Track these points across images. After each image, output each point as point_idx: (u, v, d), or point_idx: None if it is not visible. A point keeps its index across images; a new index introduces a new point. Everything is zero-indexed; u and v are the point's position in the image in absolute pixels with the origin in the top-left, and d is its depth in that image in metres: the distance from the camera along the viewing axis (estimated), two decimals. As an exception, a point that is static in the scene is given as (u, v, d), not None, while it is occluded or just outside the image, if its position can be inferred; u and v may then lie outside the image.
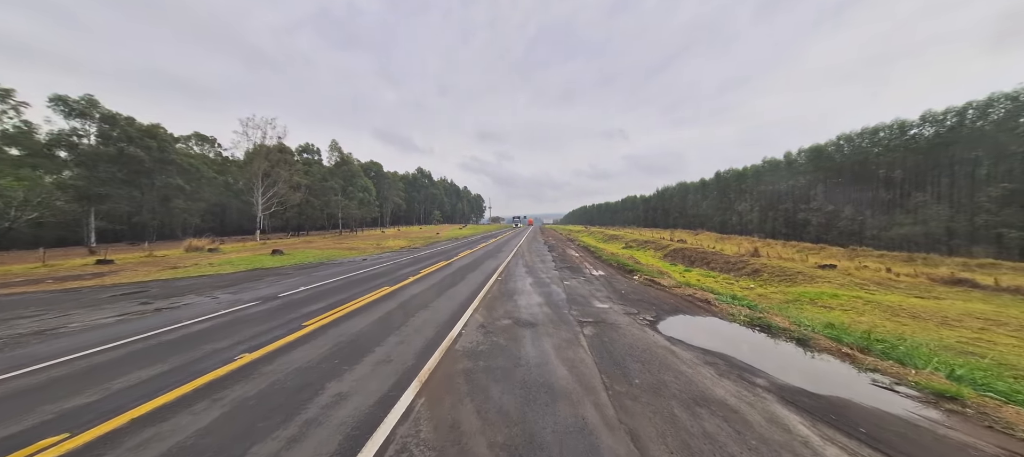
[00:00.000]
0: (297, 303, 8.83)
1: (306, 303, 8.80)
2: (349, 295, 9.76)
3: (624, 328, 6.61)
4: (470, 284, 11.43)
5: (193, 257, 24.86)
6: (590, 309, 8.12)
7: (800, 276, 19.51)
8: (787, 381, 4.27)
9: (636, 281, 12.24)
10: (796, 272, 20.57)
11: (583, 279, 12.77)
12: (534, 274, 13.79)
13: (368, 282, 11.98)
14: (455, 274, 13.72)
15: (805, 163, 51.61)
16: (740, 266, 25.22)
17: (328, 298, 9.44)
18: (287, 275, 14.65)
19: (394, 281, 12.07)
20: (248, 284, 12.20)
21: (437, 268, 15.69)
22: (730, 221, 74.25)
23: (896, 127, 37.45)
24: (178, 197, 49.64)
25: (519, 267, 15.89)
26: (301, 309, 8.11)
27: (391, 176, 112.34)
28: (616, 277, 13.40)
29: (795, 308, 11.73)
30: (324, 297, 9.59)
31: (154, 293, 11.02)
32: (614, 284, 11.66)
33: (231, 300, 9.37)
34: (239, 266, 18.48)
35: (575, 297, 9.48)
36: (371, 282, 11.95)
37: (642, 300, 9.05)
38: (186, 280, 13.84)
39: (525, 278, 12.74)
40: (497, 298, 9.34)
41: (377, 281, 12.12)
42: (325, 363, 4.84)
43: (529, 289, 10.66)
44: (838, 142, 46.05)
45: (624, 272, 14.73)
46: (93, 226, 38.54)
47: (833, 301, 12.49)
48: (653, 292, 10.24)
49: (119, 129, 42.98)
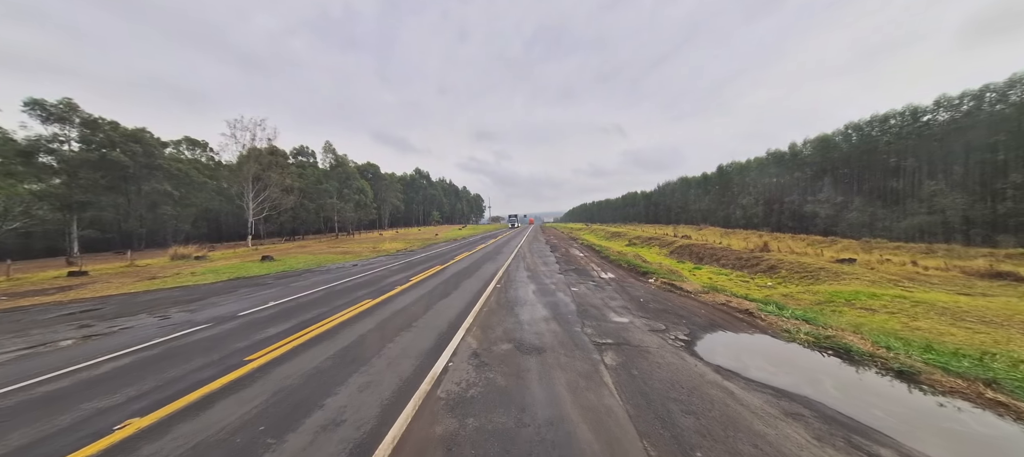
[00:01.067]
0: (256, 325, 7.41)
1: (267, 325, 7.38)
2: (321, 312, 8.33)
3: (655, 353, 5.21)
4: (465, 294, 10.01)
5: (177, 266, 23.52)
6: (607, 325, 6.71)
7: (822, 272, 18.10)
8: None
9: (653, 285, 10.84)
10: (816, 268, 19.17)
11: (592, 283, 11.36)
12: (537, 279, 12.39)
13: (350, 294, 10.56)
14: (449, 281, 12.30)
15: (811, 154, 50.22)
16: (753, 262, 23.82)
17: (296, 316, 8.02)
18: (265, 285, 13.25)
19: (379, 292, 10.65)
20: (216, 298, 10.78)
21: (430, 274, 14.27)
22: (733, 215, 72.87)
23: (908, 113, 36.04)
24: (167, 203, 48.15)
25: (520, 271, 14.47)
26: (255, 335, 6.69)
27: (388, 177, 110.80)
28: (628, 280, 12.00)
29: (832, 311, 10.32)
30: (292, 315, 8.17)
31: (105, 312, 9.59)
32: (628, 289, 10.26)
33: (181, 322, 7.95)
34: (222, 275, 17.16)
35: (587, 307, 8.07)
36: (353, 294, 10.54)
37: (666, 311, 7.64)
38: (153, 294, 12.42)
39: (527, 284, 11.33)
40: (495, 311, 7.93)
41: (359, 293, 10.70)
42: (242, 433, 3.40)
43: (532, 298, 9.25)
44: (846, 131, 44.66)
45: (636, 274, 13.33)
46: (75, 235, 37.05)
47: (873, 302, 11.07)
48: (676, 299, 8.82)
49: (102, 134, 41.50)
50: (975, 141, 29.41)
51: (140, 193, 46.34)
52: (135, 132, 45.22)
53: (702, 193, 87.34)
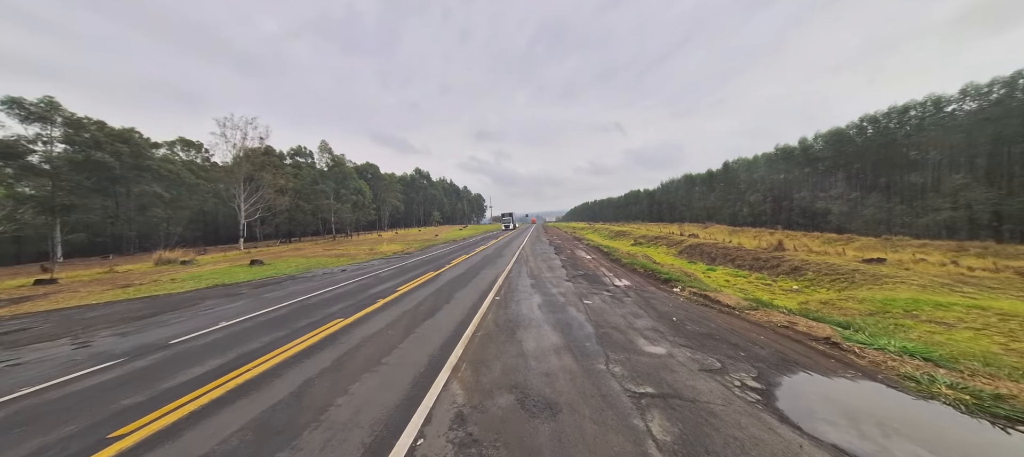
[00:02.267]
0: (180, 362, 5.76)
1: (195, 361, 5.73)
2: (276, 339, 6.69)
3: (724, 416, 3.54)
4: (456, 311, 8.34)
5: (159, 272, 22.09)
6: (640, 359, 5.04)
7: (856, 274, 16.38)
8: None
9: (680, 296, 9.16)
10: (848, 269, 17.44)
11: (607, 294, 9.69)
12: (542, 287, 10.72)
13: (323, 309, 8.91)
14: (441, 292, 10.64)
15: (823, 148, 48.34)
16: (773, 263, 22.09)
17: (241, 345, 6.38)
18: (237, 296, 11.67)
19: (358, 306, 9.00)
20: (170, 315, 9.13)
21: (421, 282, 12.61)
22: (740, 213, 71.03)
23: (930, 104, 34.19)
24: (157, 205, 46.64)
25: (522, 278, 12.80)
26: (165, 381, 5.03)
27: (388, 177, 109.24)
28: (648, 289, 10.32)
29: (895, 326, 8.61)
30: (238, 342, 6.53)
31: (25, 335, 7.94)
32: (652, 301, 8.58)
33: (93, 355, 6.29)
34: (202, 282, 15.79)
35: (607, 330, 6.40)
36: (326, 310, 8.88)
37: (711, 335, 5.96)
38: (109, 307, 10.87)
39: (531, 296, 9.65)
40: (493, 336, 6.27)
41: (334, 308, 9.04)
42: None
43: (538, 316, 7.58)
44: (861, 124, 42.80)
45: (656, 281, 11.63)
46: (59, 239, 35.55)
47: (942, 313, 9.32)
48: (718, 317, 7.14)
49: (87, 134, 40.00)
50: (1006, 131, 27.58)
51: (129, 195, 44.84)
52: (122, 132, 43.72)
53: (707, 190, 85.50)
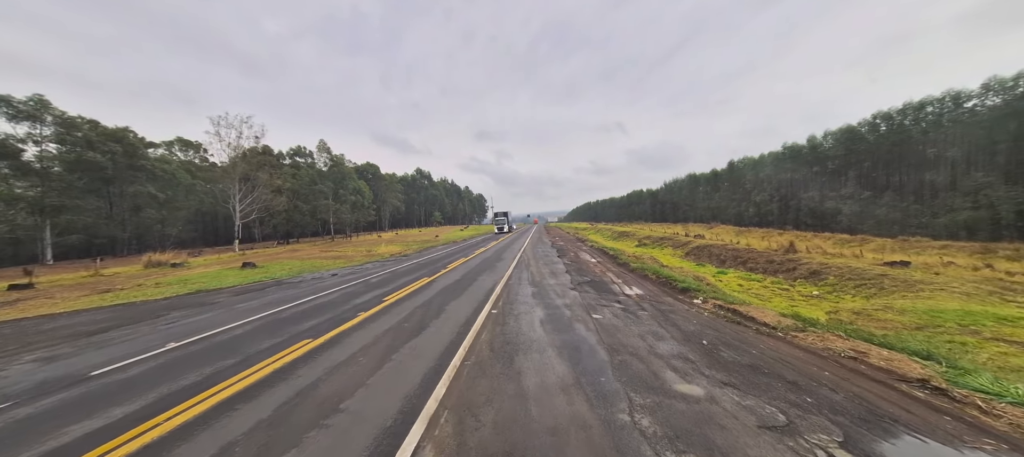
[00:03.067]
0: (79, 408, 4.65)
1: (96, 408, 4.60)
2: (218, 371, 5.56)
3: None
4: (446, 329, 7.20)
5: (147, 275, 21.28)
6: (674, 408, 3.89)
7: (885, 280, 15.13)
8: None
9: (703, 309, 8.00)
10: (874, 274, 16.18)
11: (619, 306, 8.53)
12: (545, 298, 9.57)
13: (295, 325, 7.78)
14: (432, 304, 9.51)
15: (833, 147, 46.99)
16: (788, 266, 20.85)
17: (174, 380, 5.26)
18: (211, 306, 10.63)
19: (335, 322, 7.87)
20: (127, 329, 8.02)
21: (412, 290, 11.49)
22: (746, 213, 69.66)
23: (949, 100, 32.84)
24: (151, 206, 45.72)
25: (523, 286, 11.65)
26: (33, 445, 3.94)
27: (388, 178, 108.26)
28: (664, 300, 9.16)
29: (961, 347, 7.42)
30: (171, 376, 5.41)
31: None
32: (672, 316, 7.43)
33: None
34: (186, 286, 14.74)
35: (625, 357, 5.25)
36: (299, 325, 7.75)
37: (757, 368, 4.79)
38: (71, 317, 9.90)
39: (533, 308, 8.50)
40: (484, 369, 5.13)
41: (308, 323, 7.91)
42: None
43: (541, 337, 6.43)
44: (873, 121, 41.44)
45: (672, 290, 10.46)
46: (49, 241, 34.64)
47: (1016, 331, 8.06)
48: (758, 341, 5.95)
49: (81, 133, 39.10)
50: (1031, 127, 26.27)
51: (123, 196, 43.93)
52: (116, 132, 42.78)
53: (711, 190, 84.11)
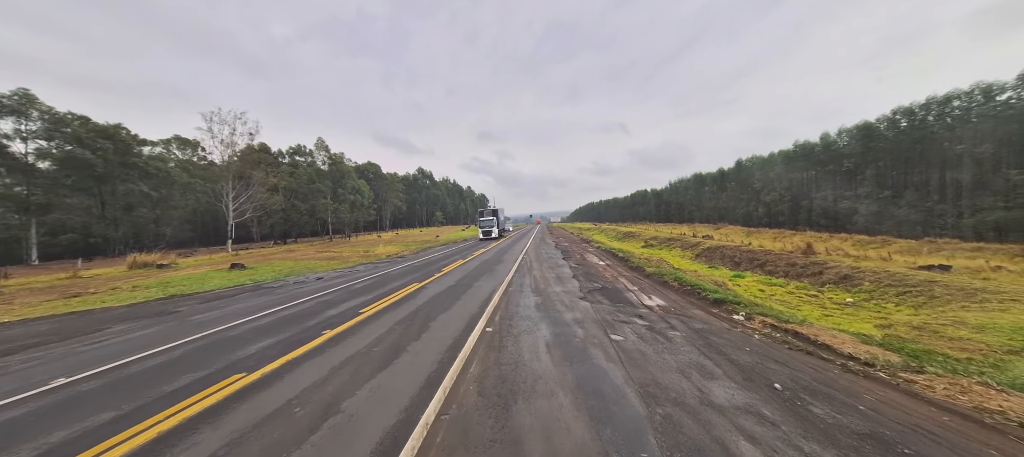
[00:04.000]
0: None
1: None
2: (86, 433, 4.07)
3: None
4: (424, 359, 5.65)
5: (129, 278, 20.35)
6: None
7: (935, 287, 13.40)
8: None
9: (750, 329, 6.42)
10: (919, 280, 14.45)
11: (641, 323, 6.98)
12: (551, 310, 8.02)
13: (233, 351, 6.26)
14: (414, 318, 7.97)
15: (850, 144, 45.11)
16: (813, 270, 19.12)
17: (66, 424, 3.77)
18: (161, 317, 9.28)
19: (288, 345, 6.34)
20: (28, 354, 6.55)
21: (397, 299, 9.97)
22: (755, 213, 67.78)
23: (978, 93, 30.98)
24: (144, 205, 44.49)
25: (524, 295, 10.10)
26: None
27: (390, 177, 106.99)
28: (693, 313, 7.60)
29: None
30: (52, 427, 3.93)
31: None
32: (713, 339, 5.87)
33: None
34: (165, 290, 13.73)
35: (669, 410, 3.69)
36: (238, 351, 6.23)
37: (883, 439, 3.22)
38: (6, 330, 8.41)
39: (537, 326, 6.96)
40: (468, 428, 3.58)
41: (251, 349, 6.40)
42: None
43: (548, 370, 4.88)
44: (892, 117, 39.57)
45: (700, 299, 8.87)
46: (34, 240, 33.41)
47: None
48: (861, 389, 4.35)
49: (70, 129, 37.89)
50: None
51: (114, 194, 42.71)
52: (107, 128, 41.53)
53: (718, 190, 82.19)
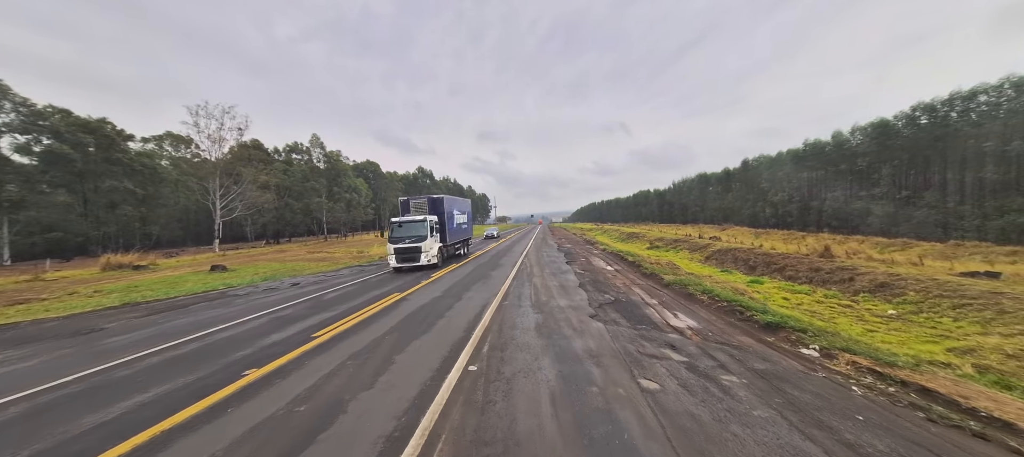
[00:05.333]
0: None
1: None
2: None
3: None
4: (369, 429, 3.83)
5: (96, 280, 19.36)
6: None
7: (1004, 299, 11.57)
8: None
9: (844, 378, 4.58)
10: (979, 290, 12.61)
11: (679, 359, 5.18)
12: (556, 336, 6.20)
13: (118, 400, 4.50)
14: (378, 348, 6.16)
15: (864, 143, 43.23)
16: (842, 277, 17.19)
17: None
18: (77, 337, 7.64)
19: (188, 396, 4.55)
20: None
21: (368, 315, 8.16)
22: (762, 214, 65.90)
23: (1008, 87, 29.10)
24: (128, 202, 42.73)
25: (523, 312, 8.28)
26: None
27: (389, 176, 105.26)
28: (745, 344, 5.79)
29: None
30: None
31: None
32: (791, 393, 4.06)
33: None
34: (119, 297, 12.53)
35: None
36: (113, 406, 4.47)
37: None
38: None
39: (537, 363, 5.13)
40: None
41: (147, 395, 4.62)
42: None
43: (556, 449, 3.11)
44: (912, 114, 37.69)
45: (744, 321, 7.03)
46: (7, 239, 31.64)
47: None
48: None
49: (49, 122, 36.14)
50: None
51: (97, 191, 40.96)
52: (90, 123, 39.79)
53: (723, 190, 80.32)
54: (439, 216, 17.86)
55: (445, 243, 17.88)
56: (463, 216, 22.40)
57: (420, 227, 15.95)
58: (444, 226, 17.95)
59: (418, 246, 15.34)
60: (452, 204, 20.02)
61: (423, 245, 15.39)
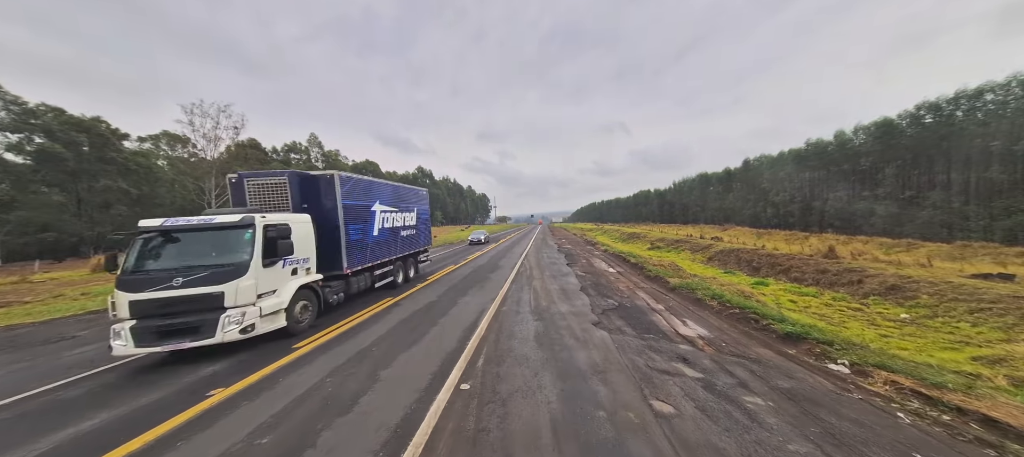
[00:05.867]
0: None
1: None
2: None
3: None
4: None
5: (83, 283, 17.71)
6: None
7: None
8: None
9: (886, 401, 4.03)
10: (999, 294, 12.11)
11: (692, 374, 4.65)
12: (557, 347, 5.65)
13: (64, 421, 3.97)
14: (363, 362, 5.64)
15: (867, 142, 42.76)
16: (850, 278, 16.66)
17: None
18: (44, 347, 7.00)
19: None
20: None
21: (356, 323, 7.63)
22: (763, 214, 65.40)
23: (1016, 85, 28.62)
24: (122, 202, 42.16)
25: (521, 319, 7.75)
26: None
27: (388, 176, 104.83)
28: (763, 356, 5.26)
29: None
30: None
31: None
32: (827, 420, 3.52)
33: None
34: (107, 302, 11.56)
35: None
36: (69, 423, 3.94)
37: None
38: None
39: (538, 382, 4.58)
40: None
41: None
42: None
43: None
44: (916, 113, 37.22)
45: (759, 329, 6.50)
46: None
47: None
48: None
49: (40, 120, 35.59)
50: None
51: (91, 191, 40.40)
52: (83, 121, 39.22)
53: (724, 190, 79.85)
54: (321, 214, 8.50)
55: (350, 268, 8.98)
56: (400, 214, 12.53)
57: (229, 243, 6.37)
58: (339, 236, 8.75)
59: (210, 293, 5.87)
60: (368, 191, 10.35)
61: (229, 289, 5.97)
